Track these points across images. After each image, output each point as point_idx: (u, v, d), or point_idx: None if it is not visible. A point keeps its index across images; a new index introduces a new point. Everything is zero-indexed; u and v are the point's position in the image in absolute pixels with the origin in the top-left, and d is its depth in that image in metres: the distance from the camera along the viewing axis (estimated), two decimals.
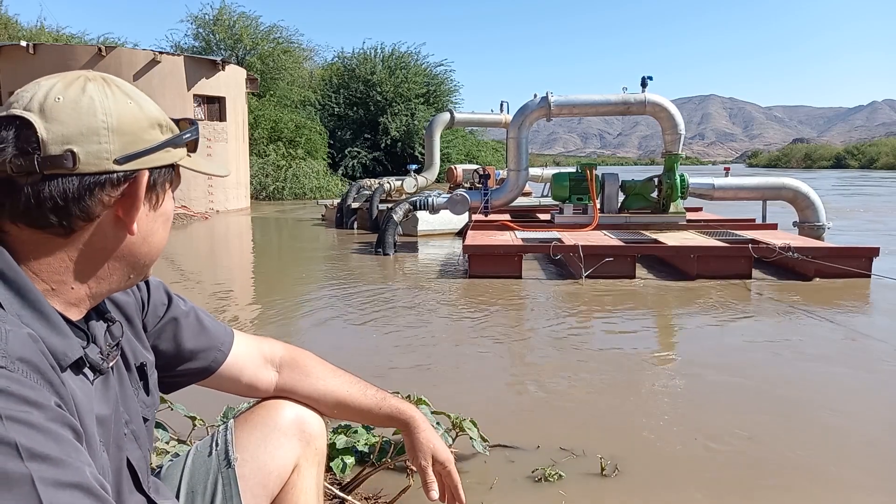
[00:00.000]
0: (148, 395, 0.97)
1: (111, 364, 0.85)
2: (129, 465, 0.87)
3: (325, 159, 23.89)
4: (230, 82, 16.10)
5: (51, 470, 0.61)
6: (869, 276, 6.00)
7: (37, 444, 0.61)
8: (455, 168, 12.94)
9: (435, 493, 1.25)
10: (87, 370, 0.79)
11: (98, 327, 0.86)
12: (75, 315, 0.81)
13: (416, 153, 28.71)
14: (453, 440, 2.25)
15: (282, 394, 1.20)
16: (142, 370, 0.96)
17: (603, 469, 2.30)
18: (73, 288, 0.79)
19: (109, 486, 0.74)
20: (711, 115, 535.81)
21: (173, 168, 0.85)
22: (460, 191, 8.65)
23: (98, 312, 0.88)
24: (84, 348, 0.79)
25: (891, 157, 75.34)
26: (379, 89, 30.07)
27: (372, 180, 12.68)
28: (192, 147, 0.87)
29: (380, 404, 1.25)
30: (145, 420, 0.95)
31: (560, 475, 2.24)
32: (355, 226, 11.14)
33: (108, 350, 0.86)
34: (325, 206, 12.96)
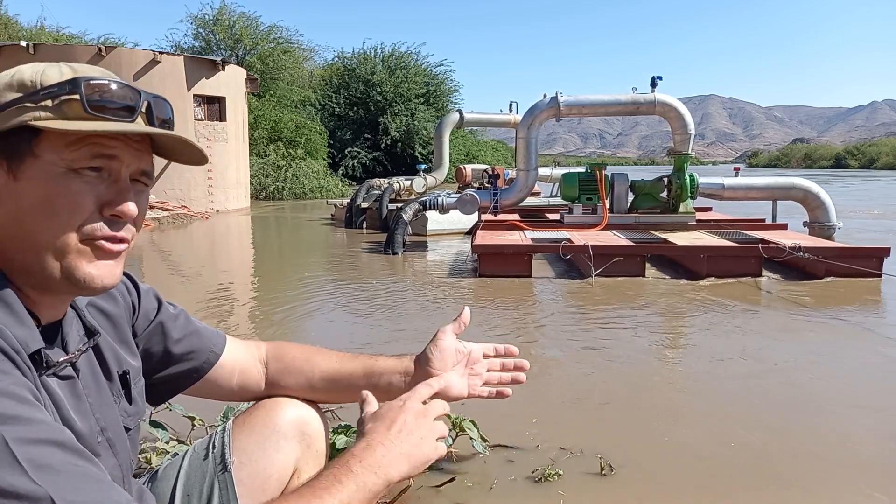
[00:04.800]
0: (131, 403, 0.94)
1: (67, 360, 0.82)
2: None
3: (325, 159, 23.91)
4: (230, 82, 16.06)
5: (22, 429, 0.62)
6: (880, 276, 5.95)
7: (4, 407, 0.62)
8: (464, 168, 12.93)
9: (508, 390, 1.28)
10: (52, 374, 0.79)
11: (72, 335, 0.85)
12: (44, 317, 0.80)
13: (417, 153, 28.72)
14: (453, 440, 2.24)
15: (273, 389, 1.18)
16: (124, 378, 0.94)
17: (602, 469, 2.27)
18: (11, 281, 0.77)
19: None
20: (711, 115, 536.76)
21: (35, 134, 0.73)
22: (470, 191, 8.63)
23: (76, 321, 0.87)
24: (45, 347, 0.77)
25: (891, 157, 75.50)
26: (379, 89, 30.09)
27: (381, 180, 12.68)
28: (90, 109, 0.74)
29: (375, 358, 1.23)
30: (128, 429, 0.92)
31: (559, 474, 2.22)
32: (364, 225, 11.11)
33: (75, 354, 0.83)
34: (335, 205, 12.95)
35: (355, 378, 1.19)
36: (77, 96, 0.74)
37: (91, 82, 0.75)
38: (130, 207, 0.78)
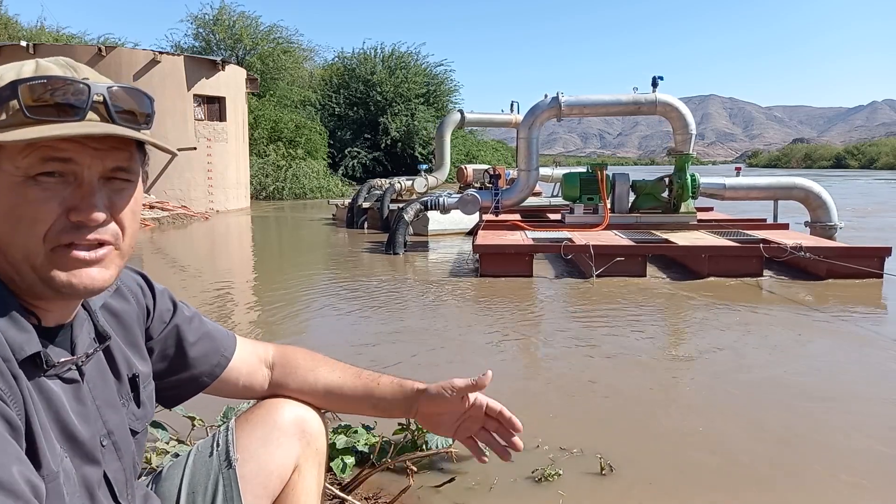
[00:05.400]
0: (139, 406, 0.94)
1: (70, 362, 0.80)
2: (106, 478, 0.84)
3: (325, 159, 23.88)
4: (230, 82, 16.04)
5: None
6: (881, 276, 5.93)
7: None
8: (465, 168, 12.92)
9: (484, 458, 1.23)
10: (54, 375, 0.77)
11: (82, 337, 0.84)
12: (47, 320, 0.78)
13: (417, 153, 28.70)
14: (453, 440, 2.22)
15: (275, 390, 1.19)
16: (133, 381, 0.94)
17: (602, 469, 2.28)
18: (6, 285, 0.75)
19: (70, 493, 0.73)
20: (711, 115, 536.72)
21: None
22: (471, 191, 8.62)
23: (88, 323, 0.85)
24: (45, 349, 0.76)
25: (891, 157, 75.58)
26: (379, 89, 30.06)
27: (383, 180, 12.68)
28: (29, 113, 0.70)
29: (377, 381, 1.22)
30: (134, 432, 0.92)
31: (559, 474, 2.22)
32: (366, 226, 11.10)
33: (81, 358, 0.82)
34: (336, 205, 12.94)
35: (355, 397, 1.21)
36: (16, 101, 0.70)
37: (29, 84, 0.71)
38: (97, 215, 0.74)
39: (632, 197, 8.24)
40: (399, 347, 3.95)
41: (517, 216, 8.77)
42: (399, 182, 11.91)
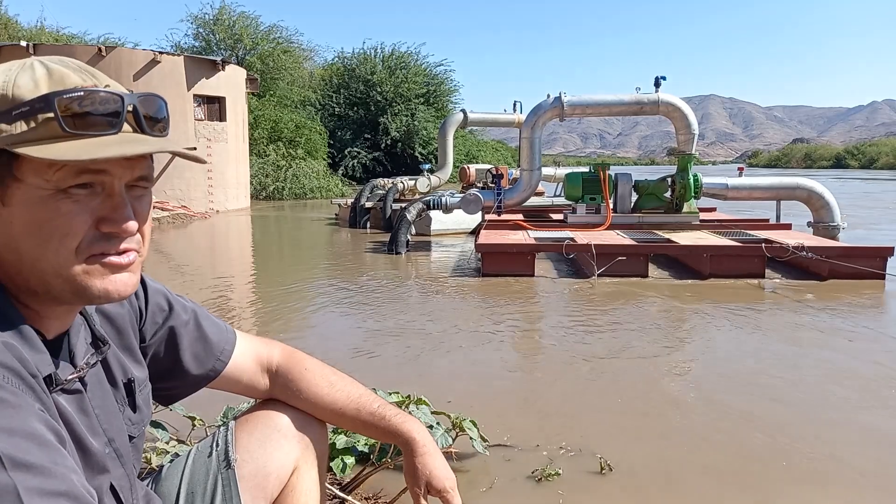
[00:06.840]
0: (135, 411, 0.93)
1: (76, 376, 0.79)
2: (111, 485, 0.84)
3: (325, 159, 23.85)
4: (230, 82, 16.02)
5: (36, 479, 0.59)
6: (884, 276, 5.92)
7: (20, 452, 0.60)
8: (468, 168, 12.91)
9: None
10: (59, 390, 0.76)
11: (79, 345, 0.83)
12: (50, 331, 0.78)
13: (417, 153, 28.70)
14: (453, 440, 2.24)
15: (274, 396, 1.18)
16: (129, 386, 0.93)
17: (602, 468, 2.29)
18: (15, 300, 0.74)
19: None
20: (711, 115, 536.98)
21: (14, 158, 0.68)
22: (473, 190, 8.62)
23: (84, 329, 0.84)
24: (56, 367, 0.76)
25: (891, 157, 75.69)
26: (379, 89, 30.07)
27: (385, 180, 12.67)
28: (67, 128, 0.68)
29: (377, 423, 1.19)
30: (132, 437, 0.91)
31: (558, 473, 2.23)
32: (368, 225, 11.10)
33: (84, 369, 0.81)
34: (339, 205, 12.93)
35: (355, 427, 1.21)
36: (52, 114, 0.68)
37: (65, 97, 0.68)
38: (129, 226, 0.74)
39: (634, 197, 8.23)
40: (400, 347, 3.94)
41: (520, 216, 8.75)
42: (402, 182, 11.90)
